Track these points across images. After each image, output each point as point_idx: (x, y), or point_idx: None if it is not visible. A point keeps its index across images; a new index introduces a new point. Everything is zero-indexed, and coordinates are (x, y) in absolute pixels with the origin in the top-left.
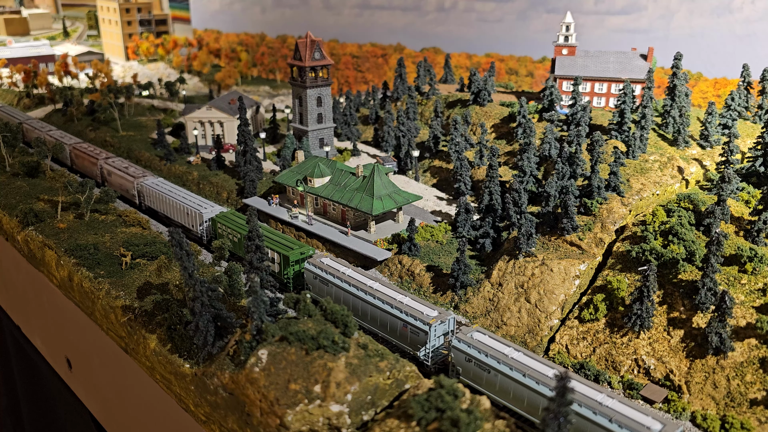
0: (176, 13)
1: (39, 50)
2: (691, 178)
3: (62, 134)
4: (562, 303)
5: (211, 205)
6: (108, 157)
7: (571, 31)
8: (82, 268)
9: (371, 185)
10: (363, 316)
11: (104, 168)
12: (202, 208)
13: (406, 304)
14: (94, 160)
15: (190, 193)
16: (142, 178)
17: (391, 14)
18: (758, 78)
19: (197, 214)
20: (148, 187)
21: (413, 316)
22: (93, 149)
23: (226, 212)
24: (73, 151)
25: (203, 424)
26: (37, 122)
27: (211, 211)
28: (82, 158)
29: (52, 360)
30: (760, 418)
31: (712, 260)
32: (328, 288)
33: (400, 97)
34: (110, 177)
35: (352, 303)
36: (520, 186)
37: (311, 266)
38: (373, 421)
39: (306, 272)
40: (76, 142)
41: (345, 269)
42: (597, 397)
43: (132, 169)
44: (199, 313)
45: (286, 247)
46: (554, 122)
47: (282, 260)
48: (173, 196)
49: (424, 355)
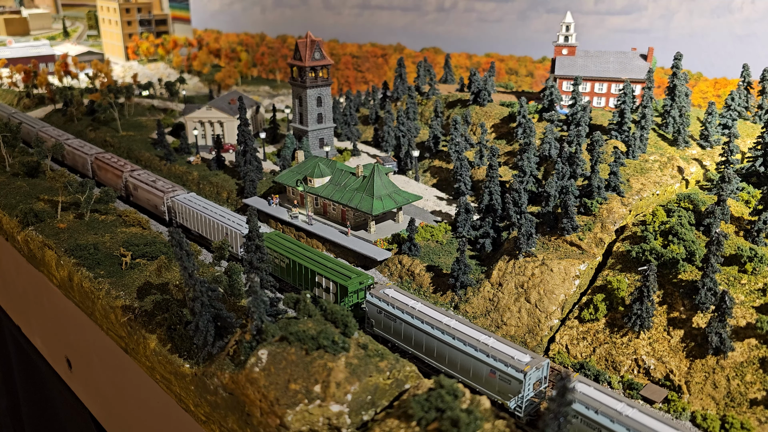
0: (176, 13)
1: (39, 50)
2: (691, 178)
3: (82, 143)
4: (562, 303)
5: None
6: (133, 170)
7: (571, 31)
8: (82, 268)
9: (371, 185)
10: (439, 358)
11: (129, 182)
12: (242, 228)
13: (492, 346)
14: (119, 172)
15: (227, 210)
16: (172, 193)
17: (391, 14)
18: (758, 78)
19: (237, 235)
20: (179, 203)
21: (503, 362)
22: (117, 161)
23: (271, 234)
24: (95, 162)
25: (203, 424)
26: (53, 130)
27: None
28: (105, 170)
29: (52, 360)
30: (760, 418)
31: (712, 260)
32: (395, 324)
33: (400, 97)
34: (136, 191)
35: (426, 343)
36: (520, 186)
37: (374, 299)
38: (373, 421)
39: (368, 305)
40: (98, 152)
41: (414, 303)
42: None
43: (160, 183)
44: (199, 313)
45: (343, 276)
46: (554, 122)
47: (338, 290)
48: (209, 214)
49: (516, 407)
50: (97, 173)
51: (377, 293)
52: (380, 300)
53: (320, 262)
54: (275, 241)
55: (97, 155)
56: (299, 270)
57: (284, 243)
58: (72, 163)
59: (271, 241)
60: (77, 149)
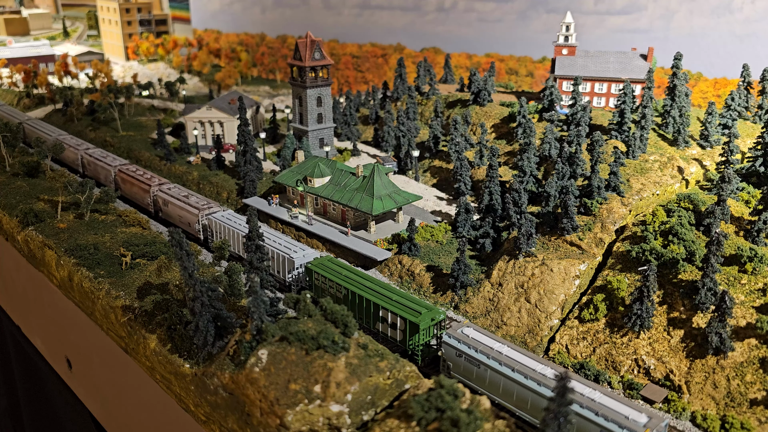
0: (176, 13)
1: (39, 50)
2: (691, 178)
3: (104, 153)
4: (562, 303)
5: (302, 248)
6: (162, 183)
7: (571, 31)
8: (82, 268)
9: (371, 185)
10: (533, 411)
11: (159, 197)
12: (291, 252)
13: (600, 402)
14: (146, 186)
15: (273, 231)
16: (208, 210)
17: (391, 14)
18: (758, 78)
19: (285, 260)
20: (217, 222)
21: (617, 422)
22: (143, 173)
23: (324, 259)
24: (119, 174)
25: (203, 424)
26: (71, 138)
27: (303, 256)
28: (130, 183)
29: (52, 360)
30: (760, 418)
31: (712, 260)
32: (479, 370)
33: (400, 97)
34: (167, 207)
35: (517, 393)
36: (520, 186)
37: (452, 339)
38: (373, 421)
39: (445, 347)
40: (122, 164)
41: (500, 346)
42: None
43: (194, 199)
44: (199, 313)
45: (413, 311)
46: (554, 122)
47: (408, 327)
48: None
49: None
50: (121, 186)
51: (455, 333)
52: (460, 342)
53: (384, 294)
54: (327, 267)
55: (120, 167)
56: (359, 303)
57: (338, 270)
58: (93, 174)
59: (323, 267)
60: (99, 160)
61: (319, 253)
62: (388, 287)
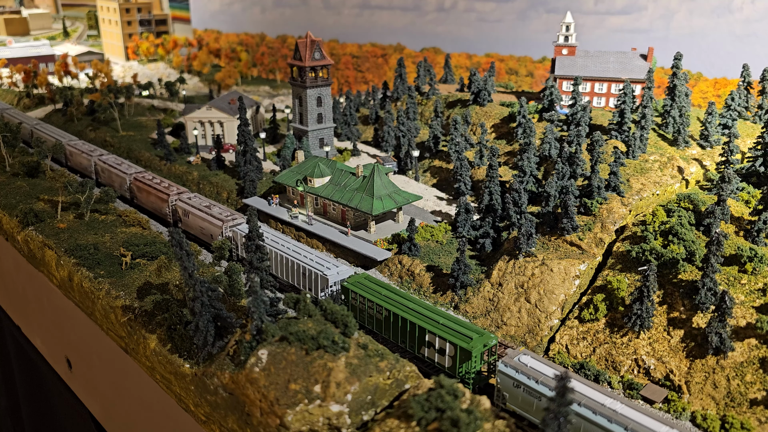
0: (176, 13)
1: (39, 50)
2: (691, 178)
3: (119, 160)
4: (562, 303)
5: (335, 264)
6: (181, 192)
7: (571, 31)
8: (82, 268)
9: (371, 185)
10: None
11: (178, 206)
12: (324, 269)
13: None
14: (164, 195)
15: (303, 246)
16: (232, 222)
17: (391, 14)
18: (758, 78)
19: (318, 277)
20: (242, 235)
21: None
22: (160, 182)
23: (360, 276)
24: (134, 183)
25: (203, 424)
26: (83, 144)
27: (337, 273)
28: (147, 192)
29: (52, 360)
30: (760, 418)
31: (712, 260)
32: (539, 402)
33: (400, 97)
34: (187, 218)
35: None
36: (520, 186)
37: (509, 369)
38: (373, 421)
39: (500, 376)
40: (138, 172)
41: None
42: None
43: (216, 210)
44: (199, 313)
45: (464, 336)
46: (554, 122)
47: (458, 353)
48: (283, 250)
49: None
50: (137, 195)
51: (512, 362)
52: (518, 371)
53: (430, 316)
54: (365, 286)
55: (136, 175)
56: (402, 325)
57: (377, 289)
58: (107, 182)
59: (360, 286)
60: (114, 167)
61: (352, 269)
62: (433, 309)
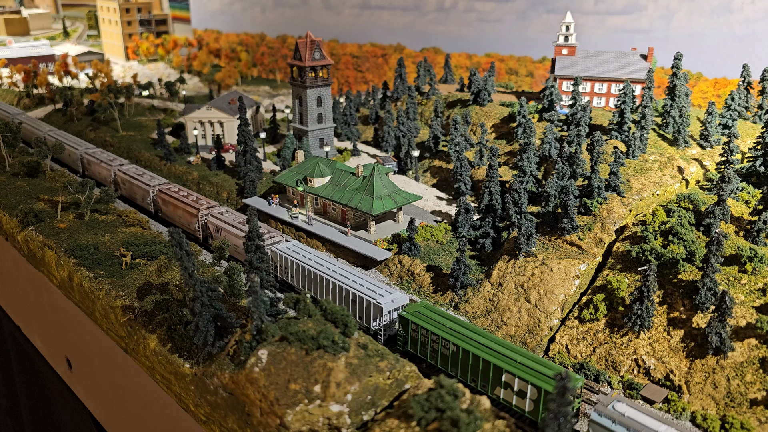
0: (176, 13)
1: (39, 50)
2: (691, 178)
3: (140, 171)
4: (562, 303)
5: (388, 291)
6: (211, 206)
7: (571, 31)
8: (82, 268)
9: (371, 185)
10: None
11: (210, 222)
12: (377, 295)
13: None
14: (193, 210)
15: (351, 268)
16: (270, 240)
17: (391, 14)
18: (758, 78)
19: (371, 305)
20: (282, 255)
21: None
22: (187, 194)
23: (419, 305)
24: (159, 195)
25: (203, 424)
26: (101, 153)
27: (392, 300)
28: (174, 206)
29: (52, 360)
30: (760, 418)
31: (712, 260)
32: None
33: (400, 97)
34: (219, 234)
35: None
36: (520, 186)
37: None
38: (373, 421)
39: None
40: (162, 184)
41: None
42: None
43: None
44: (199, 313)
45: (546, 378)
46: (554, 122)
47: (541, 397)
48: (327, 272)
49: None
50: (162, 209)
51: (607, 411)
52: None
53: (505, 353)
54: (426, 317)
55: (161, 187)
56: (474, 362)
57: (440, 320)
58: (128, 193)
59: (421, 317)
60: (135, 178)
61: (406, 296)
62: (507, 344)
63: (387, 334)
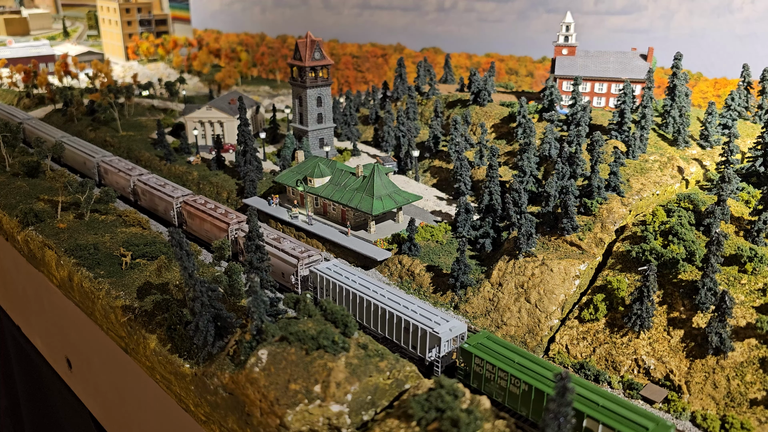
0: (176, 13)
1: (39, 50)
2: (691, 178)
3: (162, 181)
4: (562, 303)
5: (443, 318)
6: (241, 221)
7: (571, 31)
8: (82, 268)
9: (371, 185)
10: None
11: (242, 238)
12: (433, 323)
13: None
14: (222, 224)
15: (399, 291)
16: (308, 259)
17: (391, 14)
18: (758, 78)
19: (427, 335)
20: (322, 276)
21: None
22: (214, 207)
23: (480, 336)
24: (184, 207)
25: (203, 424)
26: (118, 162)
27: (449, 329)
28: (201, 219)
29: (52, 360)
30: (760, 418)
31: (712, 260)
32: None
33: (400, 97)
34: None
35: None
36: (520, 186)
37: None
38: (373, 421)
39: None
40: (185, 195)
41: None
42: None
43: (288, 244)
44: (199, 313)
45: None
46: (554, 122)
47: None
48: (377, 297)
49: None
50: (187, 221)
51: None
52: None
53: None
54: (491, 350)
55: (185, 199)
56: None
57: (507, 354)
58: (149, 205)
59: (485, 350)
60: (157, 189)
61: (464, 323)
62: (584, 383)
63: (444, 364)
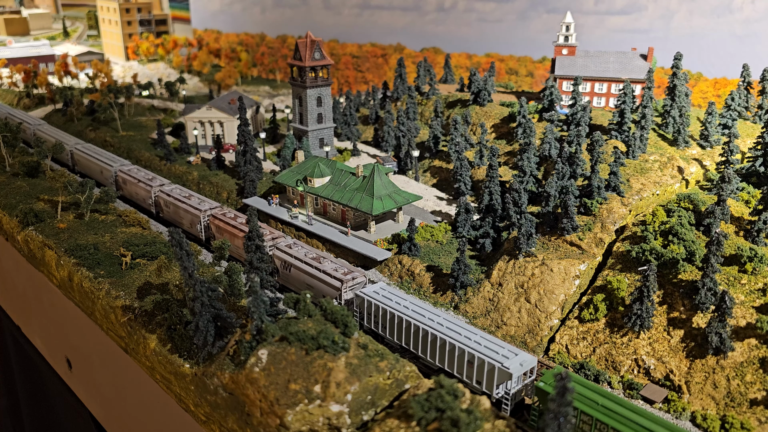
0: (176, 13)
1: (39, 50)
2: (691, 178)
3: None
4: (562, 303)
5: (511, 351)
6: (276, 237)
7: (571, 31)
8: (82, 268)
9: (371, 185)
10: None
11: (278, 257)
12: (500, 357)
13: None
14: None
15: (460, 322)
16: (352, 281)
17: (391, 14)
18: (758, 78)
19: (495, 369)
20: (372, 302)
21: None
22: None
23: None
24: (213, 221)
25: (203, 424)
26: (137, 171)
27: (520, 364)
28: (232, 234)
29: (52, 360)
30: (760, 418)
31: (712, 260)
32: None
33: (400, 97)
34: (288, 271)
35: None
36: (520, 186)
37: None
38: (373, 421)
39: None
40: (213, 208)
41: None
42: None
43: (329, 265)
44: (199, 313)
45: None
46: (554, 122)
47: None
48: (434, 326)
49: None
50: (216, 235)
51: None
52: None
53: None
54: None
55: (214, 213)
56: None
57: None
58: (173, 217)
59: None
60: (182, 202)
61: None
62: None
63: (513, 402)
